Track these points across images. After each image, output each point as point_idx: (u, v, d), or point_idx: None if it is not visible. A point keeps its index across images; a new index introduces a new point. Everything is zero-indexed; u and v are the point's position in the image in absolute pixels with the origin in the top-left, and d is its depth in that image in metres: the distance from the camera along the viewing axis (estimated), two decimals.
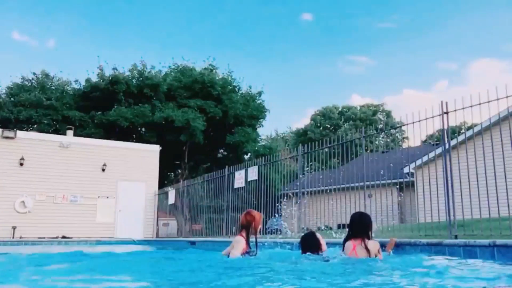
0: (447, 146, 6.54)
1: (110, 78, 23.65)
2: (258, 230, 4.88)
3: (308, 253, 4.72)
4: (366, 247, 4.19)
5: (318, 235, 5.01)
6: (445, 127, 6.55)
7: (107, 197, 16.68)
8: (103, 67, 24.63)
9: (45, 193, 15.66)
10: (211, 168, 23.59)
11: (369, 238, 4.31)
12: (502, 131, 5.91)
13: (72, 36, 54.49)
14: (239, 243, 4.67)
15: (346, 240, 4.43)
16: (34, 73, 26.06)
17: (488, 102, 6.02)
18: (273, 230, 11.11)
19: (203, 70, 25.77)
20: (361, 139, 8.41)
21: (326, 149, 9.56)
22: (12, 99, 24.48)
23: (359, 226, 4.37)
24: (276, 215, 10.43)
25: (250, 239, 4.84)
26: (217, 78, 25.31)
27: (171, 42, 60.15)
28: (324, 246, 4.88)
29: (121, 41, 57.37)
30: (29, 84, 25.58)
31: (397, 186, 15.81)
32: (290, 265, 4.31)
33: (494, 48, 63.04)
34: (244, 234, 4.72)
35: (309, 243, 4.82)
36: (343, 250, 4.37)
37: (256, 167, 11.45)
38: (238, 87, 26.56)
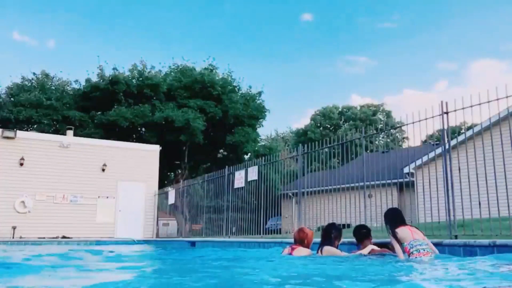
0: (447, 146, 6.55)
1: (110, 78, 23.64)
2: (311, 244, 5.41)
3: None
4: (419, 230, 4.73)
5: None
6: (445, 127, 6.55)
7: (107, 197, 16.67)
8: (103, 67, 24.67)
9: (45, 193, 15.65)
10: (211, 168, 23.59)
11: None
12: (502, 131, 5.91)
13: (72, 36, 54.61)
14: (307, 252, 5.28)
15: (394, 229, 4.67)
16: (34, 73, 26.12)
17: (488, 102, 6.02)
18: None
19: (203, 70, 25.76)
20: (361, 139, 8.40)
21: (326, 149, 9.56)
22: (12, 99, 24.48)
23: (402, 215, 4.85)
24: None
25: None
26: (217, 78, 25.29)
27: (171, 42, 60.27)
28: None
29: (121, 41, 57.50)
30: (29, 84, 25.59)
31: (397, 186, 15.81)
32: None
33: (494, 48, 63.18)
34: (301, 246, 5.25)
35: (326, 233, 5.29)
36: (395, 239, 4.62)
37: (256, 167, 11.45)
38: (238, 87, 26.55)
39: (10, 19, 49.85)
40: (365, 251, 4.95)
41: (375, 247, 4.98)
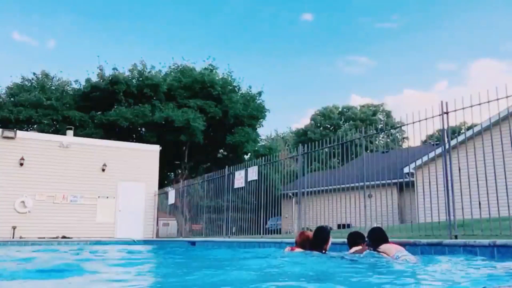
0: (447, 146, 6.54)
1: (110, 78, 23.65)
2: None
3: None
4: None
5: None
6: (445, 127, 6.55)
7: (107, 197, 16.67)
8: (103, 67, 24.70)
9: (45, 193, 15.64)
10: (211, 168, 23.58)
11: None
12: (502, 131, 5.91)
13: (72, 36, 54.62)
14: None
15: (378, 245, 4.65)
16: (34, 73, 26.12)
17: (488, 102, 6.02)
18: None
19: (203, 70, 25.77)
20: (361, 139, 8.41)
21: (326, 149, 9.56)
22: (12, 99, 24.48)
23: (386, 235, 4.89)
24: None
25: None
26: (217, 78, 25.30)
27: (171, 42, 60.28)
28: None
29: (121, 41, 57.51)
30: (29, 84, 25.59)
31: (397, 186, 15.82)
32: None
33: (494, 48, 63.19)
34: (301, 248, 5.29)
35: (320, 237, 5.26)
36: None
37: (256, 167, 11.44)
38: (238, 87, 26.56)
39: (10, 19, 49.89)
40: (351, 252, 5.02)
41: (358, 247, 5.01)
